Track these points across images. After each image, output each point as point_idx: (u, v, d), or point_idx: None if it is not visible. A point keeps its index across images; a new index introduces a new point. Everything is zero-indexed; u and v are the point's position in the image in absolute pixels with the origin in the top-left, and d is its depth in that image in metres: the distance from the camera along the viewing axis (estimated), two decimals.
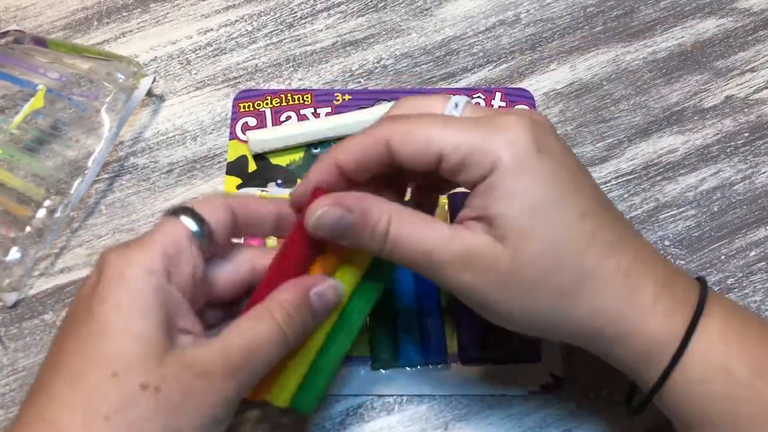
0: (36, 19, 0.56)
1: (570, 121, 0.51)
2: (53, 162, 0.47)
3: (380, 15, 0.55)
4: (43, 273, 0.46)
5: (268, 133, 0.49)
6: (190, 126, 0.51)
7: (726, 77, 0.52)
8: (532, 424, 0.41)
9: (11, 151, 0.47)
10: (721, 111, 0.51)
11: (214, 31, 0.55)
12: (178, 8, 0.56)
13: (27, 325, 0.45)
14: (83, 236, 0.47)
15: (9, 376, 0.43)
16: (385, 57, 0.53)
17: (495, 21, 0.55)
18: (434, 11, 0.55)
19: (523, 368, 0.42)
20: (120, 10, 0.56)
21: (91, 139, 0.48)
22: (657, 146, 0.49)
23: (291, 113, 0.51)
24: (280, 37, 0.55)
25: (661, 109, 0.51)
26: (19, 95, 0.48)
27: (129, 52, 0.54)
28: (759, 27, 0.54)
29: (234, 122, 0.51)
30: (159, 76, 0.53)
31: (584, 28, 0.54)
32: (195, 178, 0.49)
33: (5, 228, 0.45)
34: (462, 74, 0.52)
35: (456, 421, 0.41)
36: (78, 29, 0.55)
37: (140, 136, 0.51)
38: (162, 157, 0.50)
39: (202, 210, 0.32)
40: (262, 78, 0.53)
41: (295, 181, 0.48)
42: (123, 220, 0.48)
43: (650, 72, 0.52)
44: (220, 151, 0.50)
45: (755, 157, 0.49)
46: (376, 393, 0.42)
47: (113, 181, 0.49)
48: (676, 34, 0.54)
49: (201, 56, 0.54)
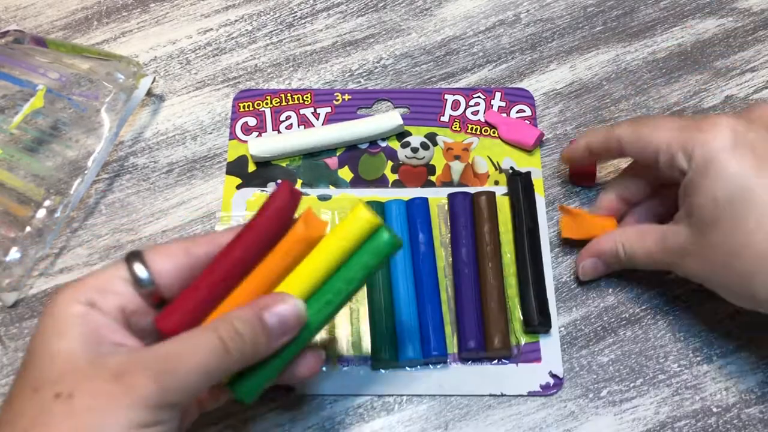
0: (36, 19, 0.56)
1: (570, 121, 0.51)
2: (53, 162, 0.47)
3: (380, 15, 0.55)
4: (43, 273, 0.46)
5: (269, 144, 0.48)
6: (189, 126, 0.51)
7: (726, 77, 0.52)
8: (532, 424, 0.41)
9: (11, 151, 0.47)
10: (721, 111, 0.51)
11: (213, 30, 0.55)
12: (177, 8, 0.56)
13: (27, 325, 0.45)
14: (83, 236, 0.47)
15: (9, 376, 0.43)
16: (385, 57, 0.53)
17: (495, 21, 0.55)
18: (434, 11, 0.55)
19: (523, 368, 0.42)
20: (120, 10, 0.56)
21: (91, 139, 0.48)
22: None
23: (291, 113, 0.51)
24: (280, 37, 0.55)
25: (661, 109, 0.51)
26: (19, 95, 0.48)
27: (129, 52, 0.54)
28: (759, 27, 0.54)
29: (234, 122, 0.51)
30: (159, 76, 0.53)
31: (584, 28, 0.54)
32: (195, 178, 0.49)
33: (5, 228, 0.45)
34: (462, 74, 0.52)
35: (456, 421, 0.41)
36: (78, 29, 0.55)
37: (140, 136, 0.51)
38: (162, 157, 0.50)
39: (153, 258, 0.33)
40: (262, 78, 0.53)
41: (295, 182, 0.48)
42: (123, 220, 0.48)
43: (650, 72, 0.52)
44: (219, 151, 0.50)
45: None
46: (376, 393, 0.42)
47: (113, 181, 0.49)
48: (676, 34, 0.54)
49: (201, 56, 0.54)
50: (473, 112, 0.51)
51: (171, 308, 0.33)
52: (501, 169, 0.49)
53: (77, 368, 0.30)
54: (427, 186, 0.48)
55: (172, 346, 0.31)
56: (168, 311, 0.33)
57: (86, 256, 0.47)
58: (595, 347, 0.43)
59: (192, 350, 0.31)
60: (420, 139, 0.50)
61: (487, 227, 0.45)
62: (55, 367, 0.30)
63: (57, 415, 0.29)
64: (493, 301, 0.43)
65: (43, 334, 0.31)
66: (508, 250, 0.45)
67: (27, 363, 0.31)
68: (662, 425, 0.41)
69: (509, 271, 0.45)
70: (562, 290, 0.45)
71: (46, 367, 0.30)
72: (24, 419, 0.29)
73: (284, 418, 0.41)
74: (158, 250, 0.34)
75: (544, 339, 0.43)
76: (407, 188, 0.48)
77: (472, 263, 0.44)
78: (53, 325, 0.31)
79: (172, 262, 0.34)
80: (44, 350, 0.31)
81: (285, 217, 0.34)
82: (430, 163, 0.49)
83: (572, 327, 0.44)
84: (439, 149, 0.49)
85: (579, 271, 0.44)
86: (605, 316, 0.44)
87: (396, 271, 0.44)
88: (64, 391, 0.29)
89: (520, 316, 0.43)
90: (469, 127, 0.50)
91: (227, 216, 0.47)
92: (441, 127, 0.50)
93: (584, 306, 0.44)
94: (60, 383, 0.29)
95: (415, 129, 0.50)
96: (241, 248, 0.34)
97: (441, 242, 0.46)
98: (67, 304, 0.32)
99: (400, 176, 0.49)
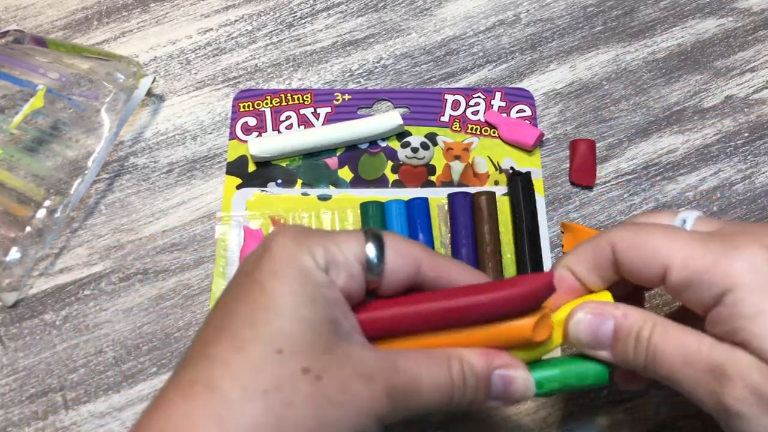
0: (36, 19, 0.56)
1: (570, 121, 0.51)
2: (53, 162, 0.47)
3: (380, 15, 0.55)
4: (43, 273, 0.46)
5: (269, 144, 0.48)
6: (189, 126, 0.51)
7: (726, 77, 0.52)
8: (533, 424, 0.41)
9: (11, 151, 0.47)
10: (721, 111, 0.51)
11: (213, 30, 0.55)
12: (177, 8, 0.56)
13: (27, 325, 0.45)
14: (83, 236, 0.47)
15: (9, 376, 0.43)
16: (385, 57, 0.53)
17: (495, 21, 0.55)
18: (434, 11, 0.55)
19: None
20: (120, 10, 0.56)
21: (91, 139, 0.48)
22: (657, 146, 0.50)
23: (291, 113, 0.51)
24: (280, 36, 0.55)
25: (661, 109, 0.51)
26: (19, 95, 0.48)
27: (129, 52, 0.54)
28: (759, 27, 0.54)
29: (234, 122, 0.51)
30: (159, 76, 0.53)
31: (584, 28, 0.54)
32: (195, 178, 0.49)
33: (5, 228, 0.45)
34: (462, 74, 0.52)
35: (456, 421, 0.41)
36: (78, 29, 0.55)
37: (140, 136, 0.51)
38: (162, 157, 0.50)
39: (389, 247, 0.31)
40: (262, 78, 0.53)
41: (295, 182, 0.48)
42: (123, 220, 0.48)
43: (650, 72, 0.52)
44: (220, 151, 0.50)
45: (755, 157, 0.49)
46: None
47: (113, 181, 0.49)
48: (676, 34, 0.54)
49: (201, 56, 0.54)
50: (473, 112, 0.51)
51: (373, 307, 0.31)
52: (501, 169, 0.49)
53: (327, 348, 0.27)
54: (427, 186, 0.48)
55: (413, 368, 0.29)
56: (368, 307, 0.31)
57: (86, 256, 0.47)
58: None
59: (427, 381, 0.29)
60: (420, 139, 0.50)
61: (487, 227, 0.45)
62: (303, 335, 0.27)
63: (302, 394, 0.26)
64: None
65: (289, 287, 0.28)
66: (508, 250, 0.45)
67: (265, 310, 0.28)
68: (662, 425, 0.41)
69: (509, 271, 0.45)
70: None
71: (293, 330, 0.27)
72: (263, 377, 0.26)
73: None
74: (397, 244, 0.31)
75: None
76: (407, 188, 0.48)
77: (472, 263, 0.44)
78: (301, 284, 0.28)
79: (404, 264, 0.31)
80: (293, 309, 0.28)
81: (527, 305, 0.30)
82: (430, 163, 0.49)
83: None
84: (439, 149, 0.49)
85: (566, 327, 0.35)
86: None
87: None
88: (313, 369, 0.27)
89: None
90: (469, 127, 0.50)
91: (227, 216, 0.47)
92: (441, 127, 0.50)
93: None
94: (307, 357, 0.27)
95: (415, 129, 0.50)
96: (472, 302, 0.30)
97: (441, 242, 0.46)
98: (311, 263, 0.28)
99: (400, 176, 0.49)
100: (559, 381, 0.32)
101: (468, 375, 0.29)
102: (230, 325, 0.28)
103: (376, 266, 0.30)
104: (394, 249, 0.31)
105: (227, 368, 0.27)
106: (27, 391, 0.43)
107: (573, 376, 0.32)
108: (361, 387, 0.27)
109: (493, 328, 0.31)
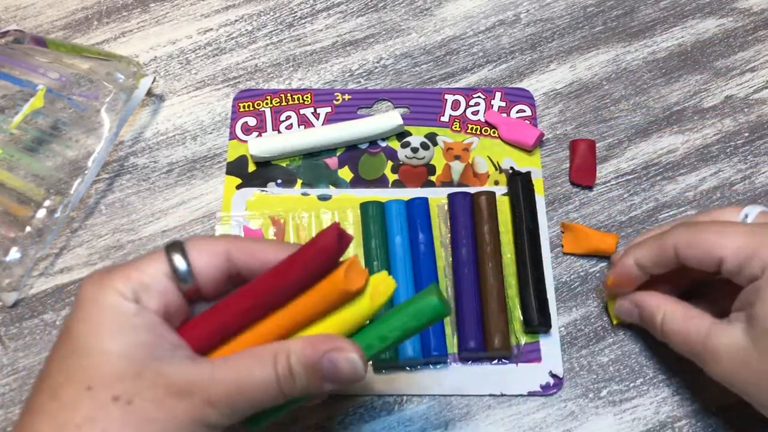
0: (36, 19, 0.56)
1: (570, 121, 0.51)
2: (53, 162, 0.47)
3: (380, 15, 0.55)
4: (43, 273, 0.46)
5: (269, 144, 0.48)
6: (189, 126, 0.51)
7: (726, 77, 0.52)
8: (532, 424, 0.41)
9: (11, 151, 0.47)
10: (721, 111, 0.51)
11: (213, 30, 0.55)
12: (177, 8, 0.56)
13: (27, 324, 0.45)
14: (83, 236, 0.47)
15: (9, 376, 0.43)
16: (385, 57, 0.53)
17: (495, 21, 0.55)
18: (434, 11, 0.55)
19: (523, 368, 0.42)
20: (120, 10, 0.56)
21: (91, 139, 0.48)
22: (657, 146, 0.50)
23: (291, 113, 0.51)
24: (280, 36, 0.55)
25: (661, 109, 0.51)
26: (19, 95, 0.48)
27: (129, 52, 0.54)
28: (759, 27, 0.54)
29: (234, 122, 0.51)
30: (159, 76, 0.53)
31: (584, 28, 0.54)
32: (195, 178, 0.49)
33: (5, 228, 0.45)
34: (462, 74, 0.52)
35: (456, 421, 0.41)
36: (78, 29, 0.55)
37: (140, 136, 0.51)
38: (162, 157, 0.50)
39: (192, 250, 0.32)
40: (262, 78, 0.53)
41: (295, 182, 0.48)
42: (123, 220, 0.48)
43: (650, 72, 0.52)
44: (219, 151, 0.50)
45: (755, 157, 0.49)
46: (376, 393, 0.42)
47: (113, 181, 0.49)
48: (676, 34, 0.54)
49: (201, 56, 0.54)
50: (473, 112, 0.51)
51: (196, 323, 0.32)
52: (501, 169, 0.49)
53: (137, 373, 0.29)
54: (427, 186, 0.48)
55: (232, 375, 0.30)
56: (193, 325, 0.32)
57: (86, 256, 0.47)
58: (595, 347, 0.43)
59: (250, 381, 0.30)
60: (420, 139, 0.50)
61: (487, 227, 0.45)
62: (111, 367, 0.29)
63: (115, 420, 0.28)
64: (493, 301, 0.43)
65: (91, 326, 0.30)
66: (508, 250, 0.45)
67: (73, 354, 0.30)
68: (662, 425, 0.41)
69: (509, 271, 0.45)
70: (562, 290, 0.45)
71: (101, 365, 0.29)
72: (76, 414, 0.29)
73: (285, 417, 0.41)
74: (199, 245, 0.33)
75: (544, 339, 0.43)
76: (407, 188, 0.48)
77: (472, 263, 0.44)
78: (104, 319, 0.30)
79: (212, 261, 0.32)
80: (97, 346, 0.30)
81: (328, 260, 0.32)
82: (430, 163, 0.49)
83: (572, 327, 0.44)
84: (439, 149, 0.49)
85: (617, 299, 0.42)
86: (605, 316, 0.44)
87: (396, 272, 0.44)
88: (123, 395, 0.29)
89: (520, 316, 0.43)
90: (469, 127, 0.50)
91: (227, 216, 0.47)
92: (441, 127, 0.50)
93: (584, 306, 0.44)
94: (118, 385, 0.29)
95: (415, 129, 0.50)
96: (278, 280, 0.32)
97: (441, 242, 0.46)
98: (114, 297, 0.30)
99: (400, 176, 0.49)
100: (399, 328, 0.32)
101: (295, 367, 0.30)
102: (47, 376, 0.30)
103: (183, 273, 0.32)
104: (197, 249, 0.32)
105: (44, 414, 0.29)
106: (27, 391, 0.43)
107: (409, 317, 0.32)
108: (176, 402, 0.29)
109: (315, 296, 0.32)
